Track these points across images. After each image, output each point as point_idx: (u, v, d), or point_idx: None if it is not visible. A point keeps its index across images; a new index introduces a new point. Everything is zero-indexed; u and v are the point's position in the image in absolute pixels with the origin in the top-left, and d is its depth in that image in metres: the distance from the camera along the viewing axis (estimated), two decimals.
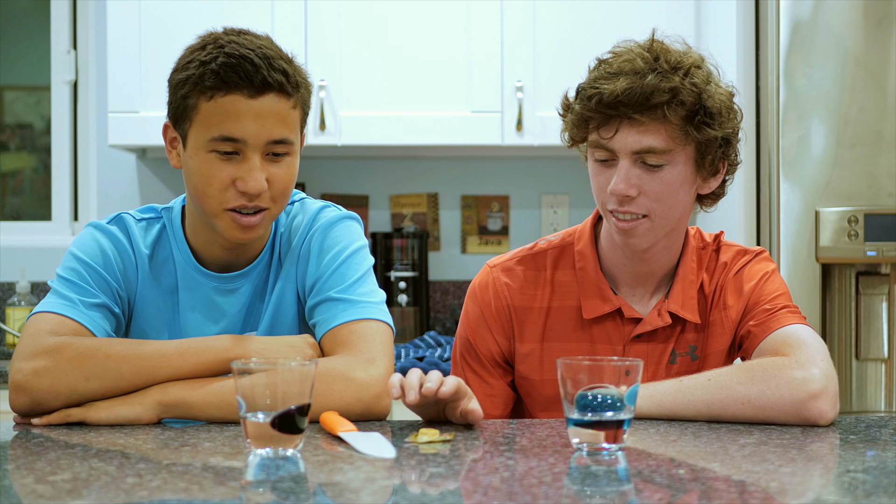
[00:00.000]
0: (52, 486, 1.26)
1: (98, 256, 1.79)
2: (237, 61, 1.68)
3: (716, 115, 1.77)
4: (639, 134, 1.75)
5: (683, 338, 1.89)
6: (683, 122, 1.75)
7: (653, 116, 1.74)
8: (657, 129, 1.75)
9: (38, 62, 3.93)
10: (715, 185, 1.86)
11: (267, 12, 3.38)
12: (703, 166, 1.81)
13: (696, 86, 1.76)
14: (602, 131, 1.78)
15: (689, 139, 1.77)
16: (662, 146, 1.76)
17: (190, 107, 1.71)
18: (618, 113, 1.75)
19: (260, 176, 1.71)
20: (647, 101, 1.73)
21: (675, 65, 1.76)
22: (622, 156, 1.77)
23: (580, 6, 3.43)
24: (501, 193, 3.85)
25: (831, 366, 1.73)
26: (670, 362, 1.88)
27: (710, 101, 1.76)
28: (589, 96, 1.77)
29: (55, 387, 1.64)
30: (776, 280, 1.91)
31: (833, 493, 1.31)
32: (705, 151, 1.79)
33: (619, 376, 1.44)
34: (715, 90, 1.79)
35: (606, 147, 1.78)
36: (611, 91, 1.74)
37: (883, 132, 2.86)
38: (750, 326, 1.85)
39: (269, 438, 1.41)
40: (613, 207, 1.80)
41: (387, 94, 3.44)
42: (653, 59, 1.76)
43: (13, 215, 4.03)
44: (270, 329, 1.83)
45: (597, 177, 1.83)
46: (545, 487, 1.28)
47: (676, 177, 1.79)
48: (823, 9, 2.87)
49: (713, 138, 1.77)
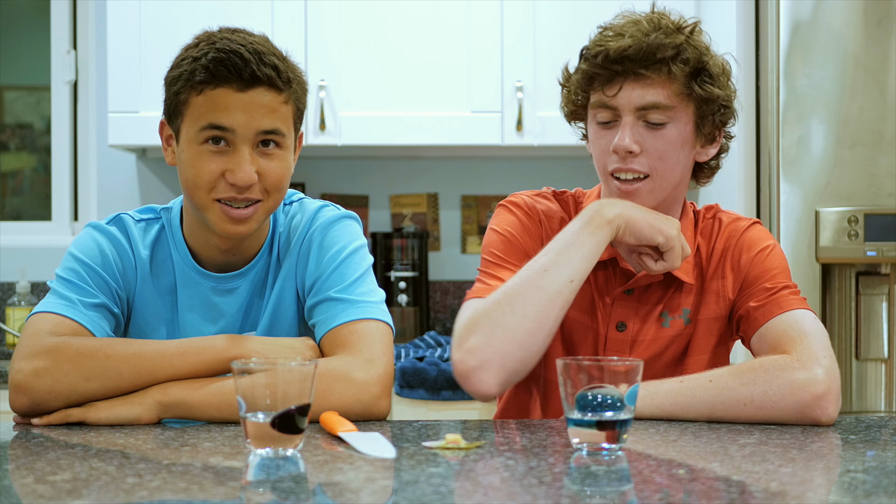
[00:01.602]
0: (52, 486, 1.26)
1: (97, 257, 1.79)
2: (226, 56, 1.69)
3: (716, 76, 1.82)
4: (643, 89, 1.79)
5: (677, 300, 1.89)
6: (687, 78, 1.79)
7: (657, 71, 1.78)
8: (662, 84, 1.79)
9: (38, 62, 3.93)
10: (712, 153, 1.89)
11: (267, 12, 3.38)
12: (702, 129, 1.84)
13: (699, 46, 1.81)
14: (606, 89, 1.81)
15: (691, 97, 1.80)
16: (666, 102, 1.79)
17: (181, 102, 1.72)
18: (623, 68, 1.78)
19: (249, 168, 1.71)
20: (653, 55, 1.77)
21: (678, 25, 1.81)
22: (626, 113, 1.80)
23: (580, 6, 3.43)
24: (501, 193, 3.85)
25: (834, 361, 1.72)
26: (662, 325, 1.88)
27: (711, 62, 1.82)
28: (595, 53, 1.81)
29: (55, 387, 1.64)
30: (776, 254, 1.91)
31: (833, 493, 1.31)
32: (706, 112, 1.83)
33: (619, 376, 1.44)
34: (714, 55, 1.84)
35: (610, 105, 1.81)
36: (617, 47, 1.78)
37: (883, 132, 2.86)
38: (749, 307, 1.84)
39: (269, 438, 1.41)
40: (616, 166, 1.82)
41: (387, 94, 3.44)
42: (657, 21, 1.81)
43: (13, 215, 4.03)
44: (269, 329, 1.83)
45: (599, 140, 1.85)
46: (545, 487, 1.27)
47: (678, 136, 1.81)
48: (823, 9, 2.87)
49: (714, 98, 1.81)
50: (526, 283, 1.75)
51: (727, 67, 1.86)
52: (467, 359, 1.71)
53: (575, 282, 1.75)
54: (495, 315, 1.72)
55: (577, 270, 1.75)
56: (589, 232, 1.77)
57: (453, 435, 1.49)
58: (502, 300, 1.74)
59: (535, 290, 1.73)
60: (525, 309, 1.72)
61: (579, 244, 1.76)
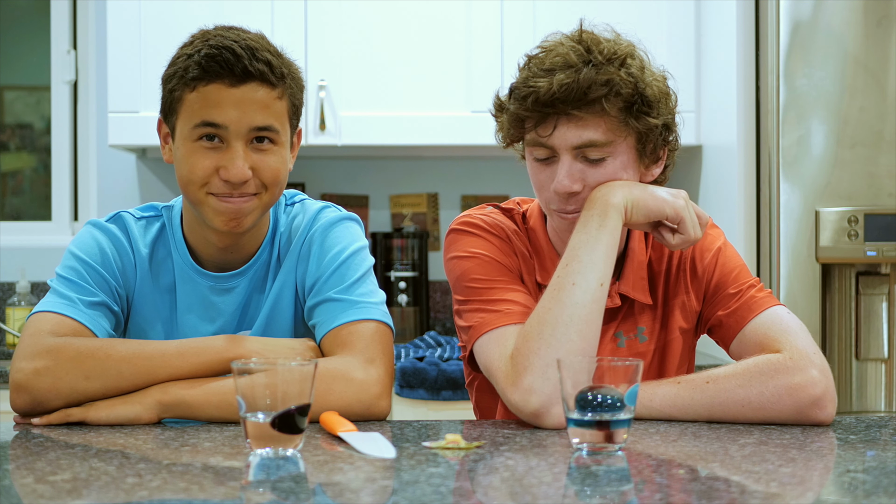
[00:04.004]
0: (52, 486, 1.26)
1: (97, 255, 1.80)
2: (218, 52, 1.69)
3: (654, 103, 1.75)
4: (578, 129, 1.73)
5: (632, 320, 1.86)
6: (622, 113, 1.73)
7: (591, 111, 1.72)
8: (596, 123, 1.72)
9: (38, 62, 3.93)
10: (657, 173, 1.84)
11: (267, 12, 3.38)
12: (644, 154, 1.79)
13: (633, 75, 1.73)
14: (540, 129, 1.75)
15: (629, 129, 1.74)
16: (603, 139, 1.73)
17: (176, 99, 1.73)
18: (555, 110, 1.72)
19: (242, 164, 1.71)
20: (585, 95, 1.70)
21: (608, 56, 1.74)
22: (563, 152, 1.75)
23: (580, 6, 3.40)
24: (501, 193, 3.85)
25: (824, 359, 1.72)
26: (618, 345, 1.85)
27: (647, 90, 1.74)
28: (524, 96, 1.74)
29: (56, 386, 1.64)
30: (730, 254, 1.88)
31: (833, 493, 1.31)
32: (646, 140, 1.77)
33: (619, 376, 1.44)
34: (651, 78, 1.77)
35: (546, 145, 1.75)
36: (546, 89, 1.71)
37: (883, 132, 2.86)
38: (720, 316, 1.82)
39: (269, 438, 1.41)
40: (558, 207, 1.78)
41: (387, 94, 3.44)
42: (585, 51, 1.74)
43: (13, 215, 4.03)
44: (266, 328, 1.83)
45: (537, 175, 1.80)
46: (545, 487, 1.27)
47: (619, 167, 1.76)
48: (823, 9, 2.87)
49: (653, 126, 1.75)
50: (559, 304, 1.67)
51: (665, 86, 1.79)
52: (531, 400, 1.63)
53: (605, 284, 1.70)
54: (542, 349, 1.64)
55: (603, 271, 1.70)
56: (600, 224, 1.71)
57: (453, 435, 1.49)
58: (544, 330, 1.65)
59: (571, 308, 1.66)
60: (569, 332, 1.65)
61: (595, 241, 1.71)
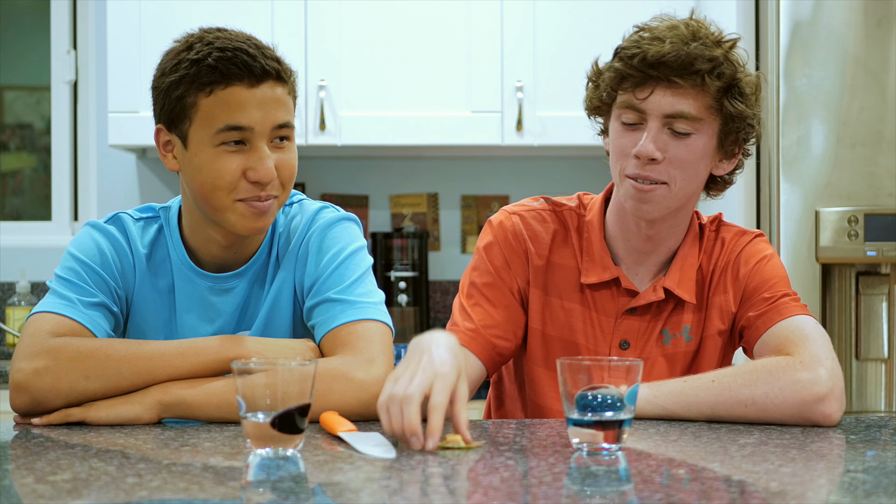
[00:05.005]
0: (52, 486, 1.26)
1: (96, 256, 1.79)
2: (233, 53, 1.69)
3: (747, 94, 1.80)
4: (674, 97, 1.77)
5: (677, 318, 1.88)
6: (718, 93, 1.77)
7: (691, 82, 1.76)
8: (693, 95, 1.77)
9: (38, 62, 3.93)
10: (729, 169, 1.88)
11: (267, 12, 3.38)
12: (724, 144, 1.83)
13: (736, 62, 1.79)
14: (637, 91, 1.78)
15: (719, 112, 1.79)
16: (695, 113, 1.77)
17: (188, 105, 1.71)
18: (658, 73, 1.76)
19: (270, 164, 1.71)
20: (691, 65, 1.75)
21: (717, 39, 1.80)
22: (652, 118, 1.78)
23: (580, 6, 3.43)
24: (501, 193, 3.85)
25: (837, 363, 1.72)
26: (664, 342, 1.88)
27: (744, 80, 1.80)
28: (632, 55, 1.78)
29: (56, 386, 1.64)
30: (774, 264, 1.90)
31: (833, 493, 1.31)
32: (730, 129, 1.81)
33: (619, 376, 1.44)
34: (748, 73, 1.83)
35: (638, 108, 1.79)
36: (656, 51, 1.76)
37: (883, 132, 2.86)
38: (750, 317, 1.84)
39: (269, 438, 1.41)
40: (634, 172, 1.80)
41: (387, 94, 3.44)
42: (695, 30, 1.79)
43: (13, 215, 4.03)
44: (265, 329, 1.83)
45: (620, 139, 1.82)
46: (545, 487, 1.27)
47: (701, 148, 1.80)
48: (823, 9, 2.87)
49: (742, 115, 1.80)
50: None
51: (759, 87, 1.84)
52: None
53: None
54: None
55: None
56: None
57: (453, 435, 1.49)
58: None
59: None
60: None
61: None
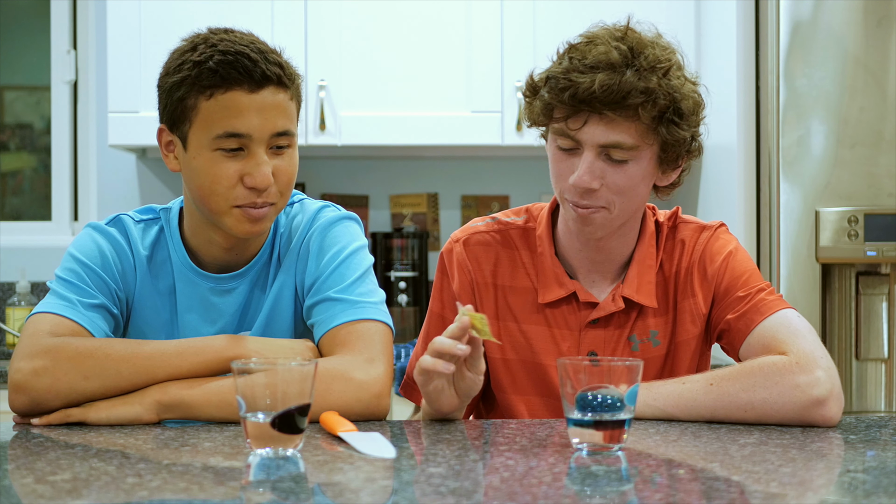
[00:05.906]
0: (52, 486, 1.26)
1: (96, 257, 1.79)
2: (234, 57, 1.68)
3: (686, 115, 1.75)
4: (608, 129, 1.72)
5: (643, 323, 1.86)
6: (654, 121, 1.72)
7: (624, 114, 1.71)
8: (627, 126, 1.72)
9: (38, 62, 3.93)
10: (674, 177, 1.84)
11: (267, 12, 3.38)
12: (665, 161, 1.79)
13: (672, 87, 1.73)
14: (570, 122, 1.74)
15: (656, 137, 1.74)
16: (630, 142, 1.73)
17: (189, 107, 1.71)
18: (589, 108, 1.72)
19: (267, 170, 1.71)
20: (623, 100, 1.70)
21: (652, 63, 1.73)
22: (587, 148, 1.74)
23: (580, 6, 3.43)
24: (501, 193, 3.85)
25: (830, 360, 1.71)
26: (632, 349, 1.85)
27: (683, 103, 1.74)
28: (562, 88, 1.74)
29: (55, 386, 1.64)
30: (741, 258, 1.86)
31: (833, 493, 1.31)
32: (670, 149, 1.77)
33: (619, 376, 1.44)
34: (689, 90, 1.76)
35: (572, 137, 1.75)
36: (587, 87, 1.70)
37: (883, 132, 2.86)
38: (730, 320, 1.81)
39: (269, 438, 1.41)
40: (573, 199, 1.77)
41: (387, 94, 3.44)
42: (629, 53, 1.73)
43: (13, 215, 4.03)
44: (266, 329, 1.83)
45: (558, 163, 1.80)
46: (545, 487, 1.27)
47: (639, 172, 1.76)
48: (823, 9, 2.87)
49: (681, 138, 1.75)
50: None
51: (699, 97, 1.79)
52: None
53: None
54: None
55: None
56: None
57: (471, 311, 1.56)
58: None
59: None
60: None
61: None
